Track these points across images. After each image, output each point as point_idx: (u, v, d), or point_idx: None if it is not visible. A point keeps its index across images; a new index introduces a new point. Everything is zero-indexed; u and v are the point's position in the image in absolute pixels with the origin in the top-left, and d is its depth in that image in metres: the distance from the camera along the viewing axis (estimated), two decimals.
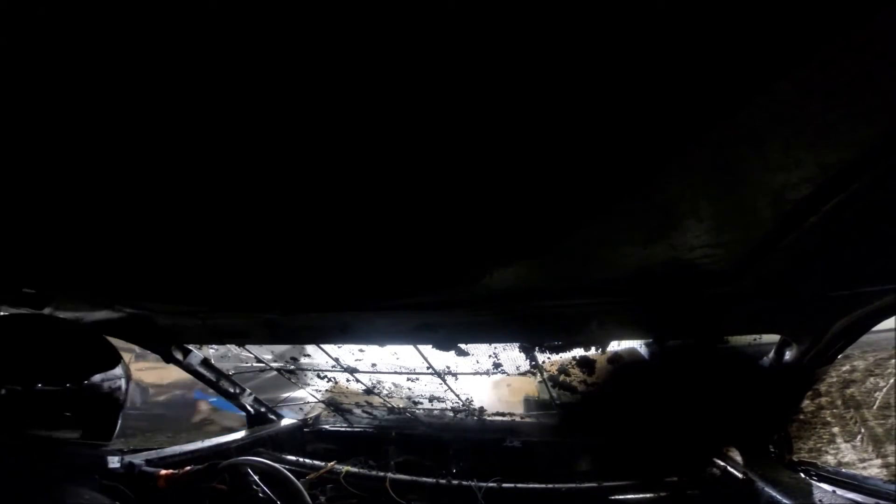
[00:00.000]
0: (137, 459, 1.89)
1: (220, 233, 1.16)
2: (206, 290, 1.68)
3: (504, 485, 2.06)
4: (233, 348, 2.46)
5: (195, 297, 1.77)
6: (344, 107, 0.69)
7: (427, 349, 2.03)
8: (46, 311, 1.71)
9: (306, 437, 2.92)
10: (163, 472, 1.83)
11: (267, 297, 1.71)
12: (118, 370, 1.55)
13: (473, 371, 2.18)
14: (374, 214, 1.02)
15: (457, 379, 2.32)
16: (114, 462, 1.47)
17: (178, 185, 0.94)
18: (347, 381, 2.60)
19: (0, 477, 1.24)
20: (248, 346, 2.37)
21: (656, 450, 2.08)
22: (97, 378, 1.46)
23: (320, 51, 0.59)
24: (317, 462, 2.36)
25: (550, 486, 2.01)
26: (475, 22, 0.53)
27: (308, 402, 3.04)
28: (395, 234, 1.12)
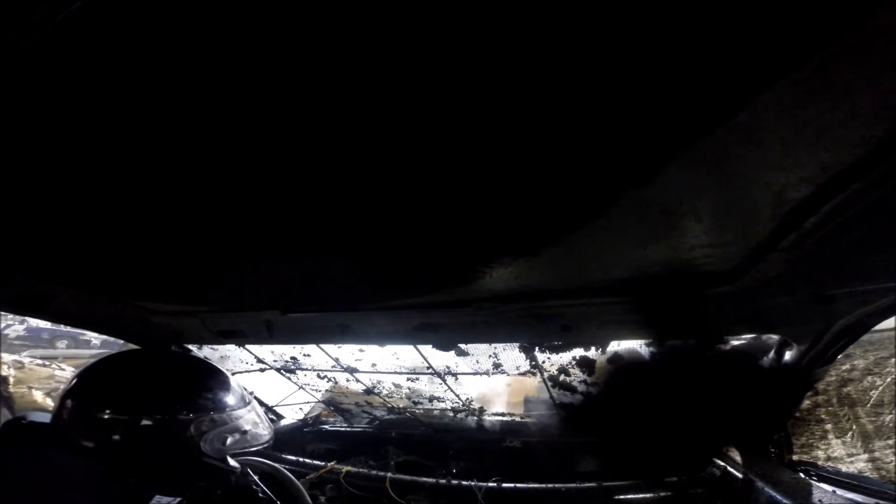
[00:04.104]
0: None
1: (221, 233, 1.16)
2: (206, 290, 1.68)
3: (504, 485, 2.06)
4: (233, 348, 2.46)
5: (195, 297, 1.78)
6: (346, 110, 0.69)
7: (427, 349, 2.02)
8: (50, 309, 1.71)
9: (306, 437, 2.91)
10: None
11: (267, 297, 1.71)
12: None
13: (473, 371, 2.18)
14: (374, 215, 1.02)
15: (457, 379, 2.32)
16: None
17: (179, 186, 0.94)
18: (347, 381, 2.60)
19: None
20: (247, 346, 2.37)
21: (656, 450, 2.08)
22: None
23: (324, 54, 0.59)
24: (317, 462, 2.36)
25: (550, 486, 2.01)
26: (476, 24, 0.53)
27: (308, 402, 3.04)
28: (395, 234, 1.11)
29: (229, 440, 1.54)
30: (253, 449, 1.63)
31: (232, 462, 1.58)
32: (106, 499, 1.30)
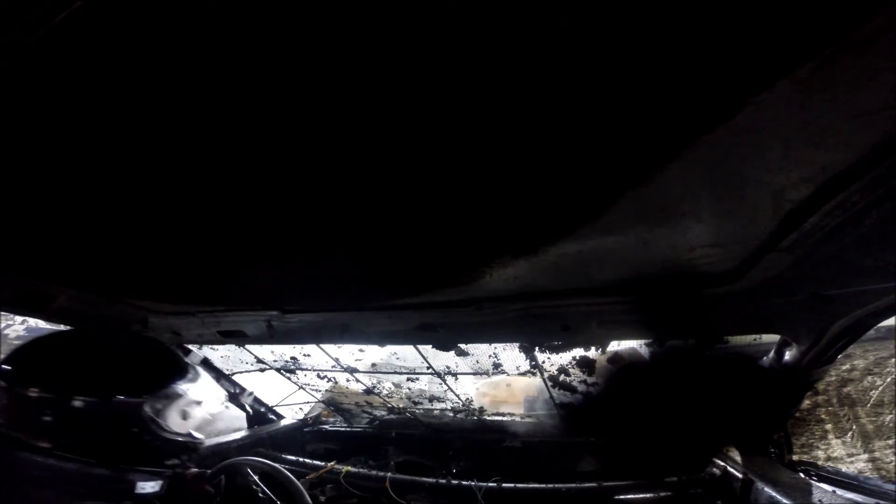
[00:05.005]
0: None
1: (221, 233, 1.16)
2: (206, 289, 1.68)
3: (504, 485, 2.05)
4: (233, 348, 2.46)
5: (195, 297, 1.77)
6: (347, 112, 0.69)
7: (427, 349, 2.02)
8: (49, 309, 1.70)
9: (306, 437, 2.91)
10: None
11: (267, 297, 1.71)
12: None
13: (473, 371, 2.18)
14: (374, 215, 1.02)
15: (457, 379, 2.32)
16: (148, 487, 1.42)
17: (180, 187, 0.94)
18: (347, 381, 2.60)
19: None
20: (247, 346, 2.37)
21: (657, 450, 2.08)
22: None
23: (325, 55, 0.59)
24: (317, 462, 2.36)
25: (550, 486, 2.01)
26: (477, 24, 0.53)
27: (308, 402, 3.04)
28: (396, 235, 1.11)
29: (188, 412, 1.52)
30: (211, 415, 1.60)
31: (197, 435, 1.57)
32: (86, 495, 1.28)
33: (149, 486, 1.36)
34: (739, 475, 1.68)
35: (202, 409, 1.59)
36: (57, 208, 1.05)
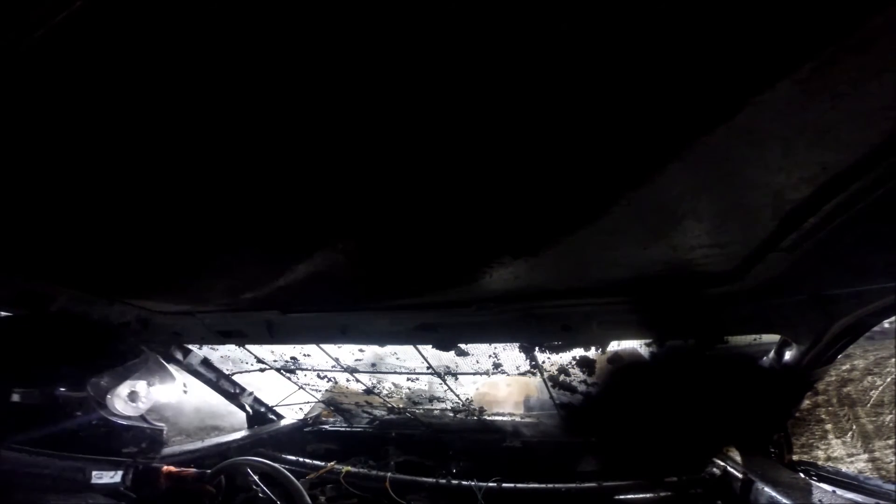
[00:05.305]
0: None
1: (222, 234, 1.16)
2: (206, 290, 1.67)
3: (504, 485, 2.06)
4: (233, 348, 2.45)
5: (195, 297, 1.77)
6: (347, 112, 0.69)
7: (427, 349, 2.03)
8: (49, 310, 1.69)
9: (306, 437, 2.92)
10: (164, 468, 1.82)
11: (267, 297, 1.71)
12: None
13: (473, 371, 2.18)
14: (374, 216, 1.02)
15: (457, 379, 2.32)
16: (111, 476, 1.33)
17: (180, 187, 0.94)
18: (347, 381, 2.60)
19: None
20: (247, 346, 2.37)
21: (657, 450, 2.08)
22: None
23: (326, 56, 0.59)
24: (317, 462, 2.36)
25: (550, 486, 2.01)
26: (476, 25, 0.53)
27: (308, 402, 3.04)
28: (396, 235, 1.11)
29: (140, 392, 1.42)
30: (167, 400, 1.52)
31: (157, 423, 1.48)
32: (38, 487, 1.21)
33: (107, 476, 1.29)
34: (739, 475, 1.68)
35: (154, 390, 1.50)
36: (57, 209, 1.05)
